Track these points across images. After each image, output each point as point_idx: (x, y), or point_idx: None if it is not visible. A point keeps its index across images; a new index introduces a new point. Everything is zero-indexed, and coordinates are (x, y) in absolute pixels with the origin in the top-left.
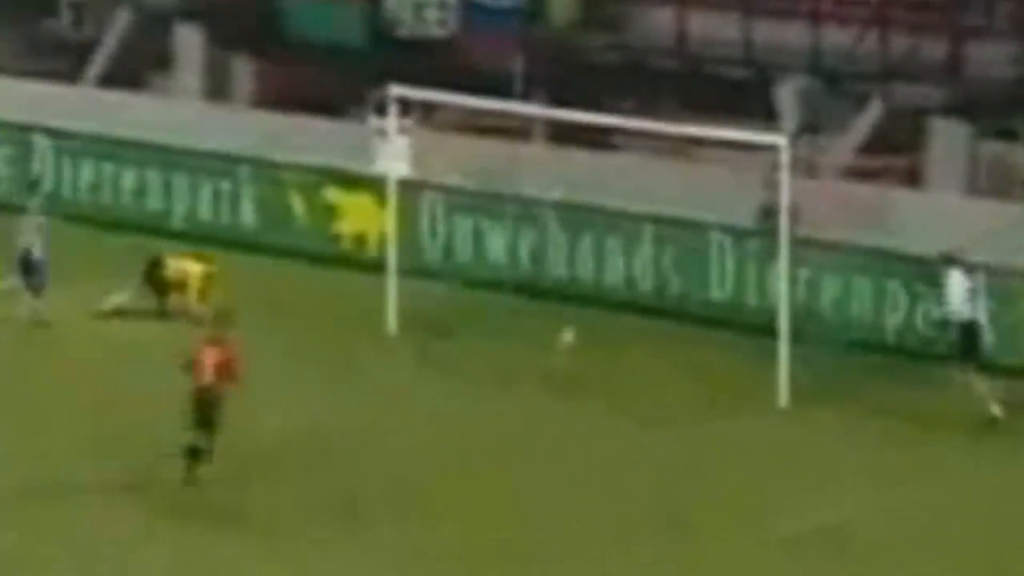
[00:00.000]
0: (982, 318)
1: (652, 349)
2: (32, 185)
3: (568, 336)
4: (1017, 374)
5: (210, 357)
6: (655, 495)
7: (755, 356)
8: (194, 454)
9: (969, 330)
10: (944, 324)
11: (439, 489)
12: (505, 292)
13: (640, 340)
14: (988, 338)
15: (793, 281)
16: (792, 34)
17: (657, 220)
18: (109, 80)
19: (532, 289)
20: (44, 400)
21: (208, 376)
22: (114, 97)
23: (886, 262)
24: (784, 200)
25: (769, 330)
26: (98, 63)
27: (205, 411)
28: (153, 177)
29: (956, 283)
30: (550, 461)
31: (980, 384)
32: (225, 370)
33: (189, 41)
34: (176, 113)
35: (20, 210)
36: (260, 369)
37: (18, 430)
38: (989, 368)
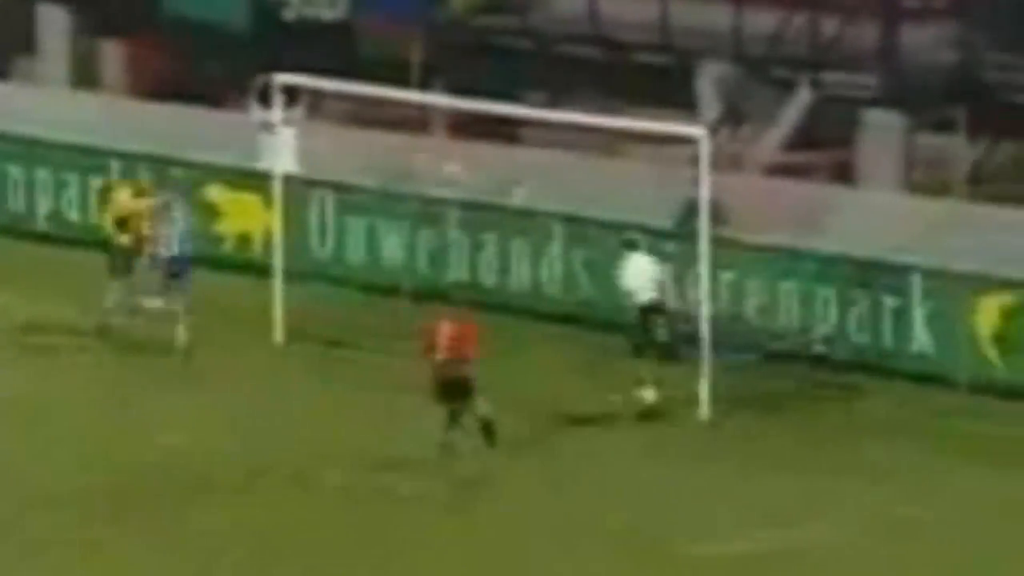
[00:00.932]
0: (668, 304)
1: (557, 353)
2: None
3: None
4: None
5: (446, 333)
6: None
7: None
8: (488, 428)
9: (645, 314)
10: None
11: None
12: (402, 297)
13: (545, 345)
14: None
15: (715, 285)
16: (713, 16)
17: (568, 220)
18: None
19: (431, 294)
20: None
21: (444, 352)
22: None
23: (816, 265)
24: (703, 197)
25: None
26: None
27: (449, 388)
28: (15, 172)
29: (636, 268)
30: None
31: (645, 369)
32: (461, 344)
33: (53, 23)
34: (39, 102)
35: None
36: (141, 379)
37: None
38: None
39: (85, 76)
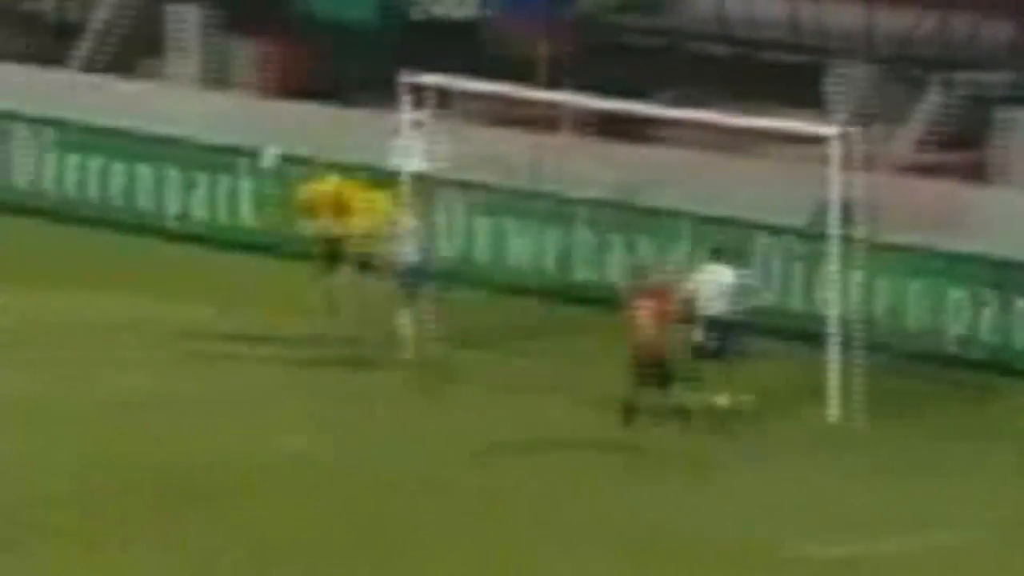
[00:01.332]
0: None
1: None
2: None
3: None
4: None
5: (647, 308)
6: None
7: (802, 366)
8: (680, 412)
9: (714, 326)
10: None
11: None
12: (529, 298)
13: None
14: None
15: (845, 286)
16: (845, 16)
17: (697, 219)
18: (95, 64)
19: (559, 294)
20: None
21: (648, 330)
22: (101, 82)
23: (948, 265)
24: (834, 196)
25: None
26: (84, 46)
27: (651, 367)
28: (144, 172)
29: (712, 278)
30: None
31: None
32: (665, 319)
33: (183, 22)
34: (170, 101)
35: None
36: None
37: None
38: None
39: (215, 75)
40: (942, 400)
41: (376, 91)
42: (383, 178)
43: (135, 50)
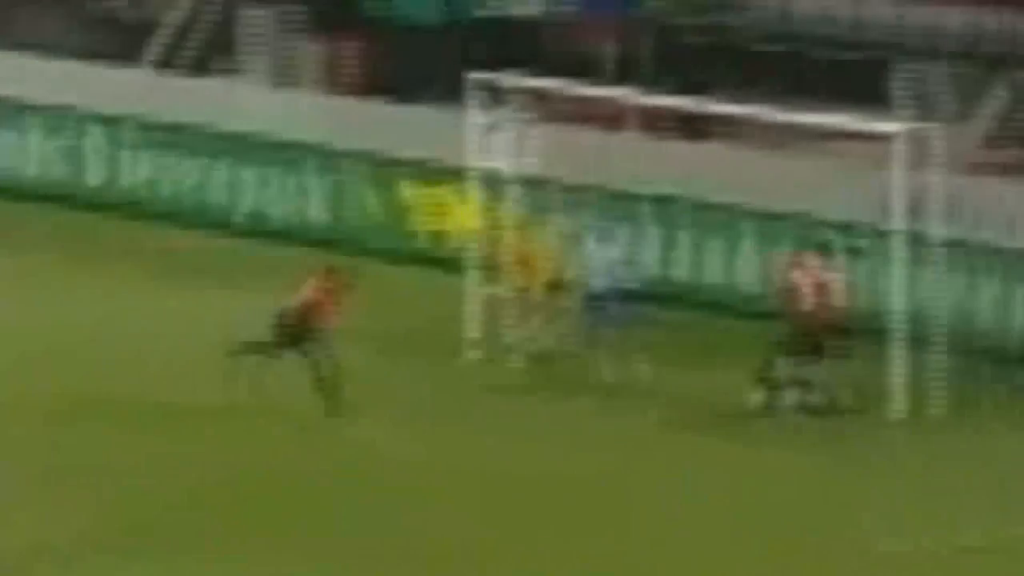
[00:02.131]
0: None
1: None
2: None
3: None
4: None
5: (807, 279)
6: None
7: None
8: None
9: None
10: None
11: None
12: None
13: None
14: None
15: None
16: (906, 13)
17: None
18: (169, 63)
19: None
20: None
21: (808, 301)
22: (174, 81)
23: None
24: (899, 193)
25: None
26: (157, 45)
27: (807, 340)
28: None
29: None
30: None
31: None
32: (825, 292)
33: (255, 23)
34: (241, 98)
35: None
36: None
37: None
38: None
39: (285, 74)
40: (1013, 396)
41: (442, 89)
42: (448, 175)
43: (210, 49)
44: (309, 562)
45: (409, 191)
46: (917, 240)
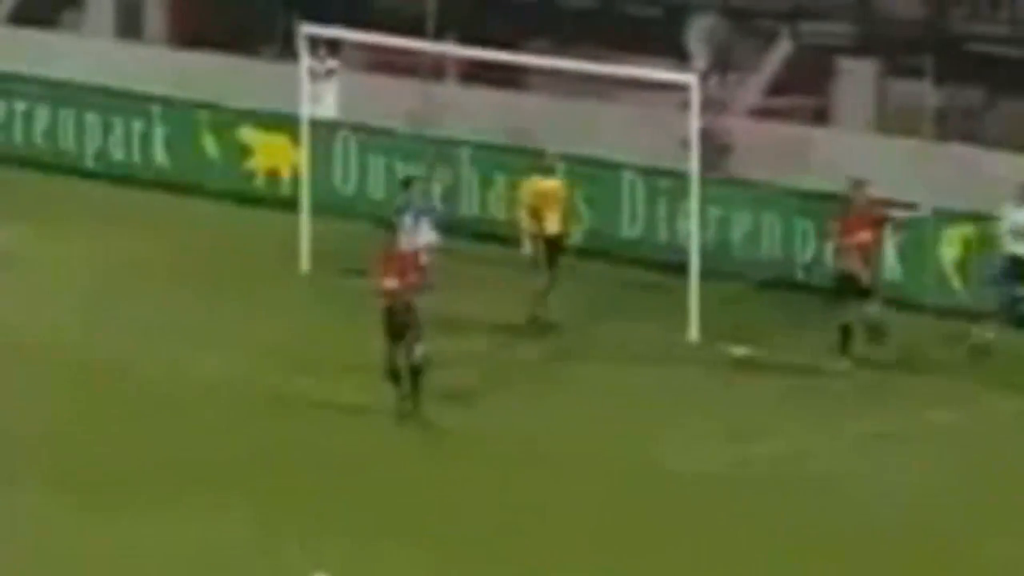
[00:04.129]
0: None
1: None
2: None
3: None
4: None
5: (862, 237)
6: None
7: (666, 293)
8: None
9: None
10: None
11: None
12: None
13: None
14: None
15: (704, 219)
16: None
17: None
18: (19, 18)
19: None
20: None
21: (857, 262)
22: (25, 35)
23: (797, 200)
24: (694, 137)
25: (680, 267)
26: (6, 1)
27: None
28: (65, 116)
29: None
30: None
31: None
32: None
33: None
34: (88, 51)
35: None
36: (177, 310)
37: None
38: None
39: (129, 27)
40: (791, 322)
41: (275, 41)
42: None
43: (60, 4)
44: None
45: (247, 137)
46: (709, 180)
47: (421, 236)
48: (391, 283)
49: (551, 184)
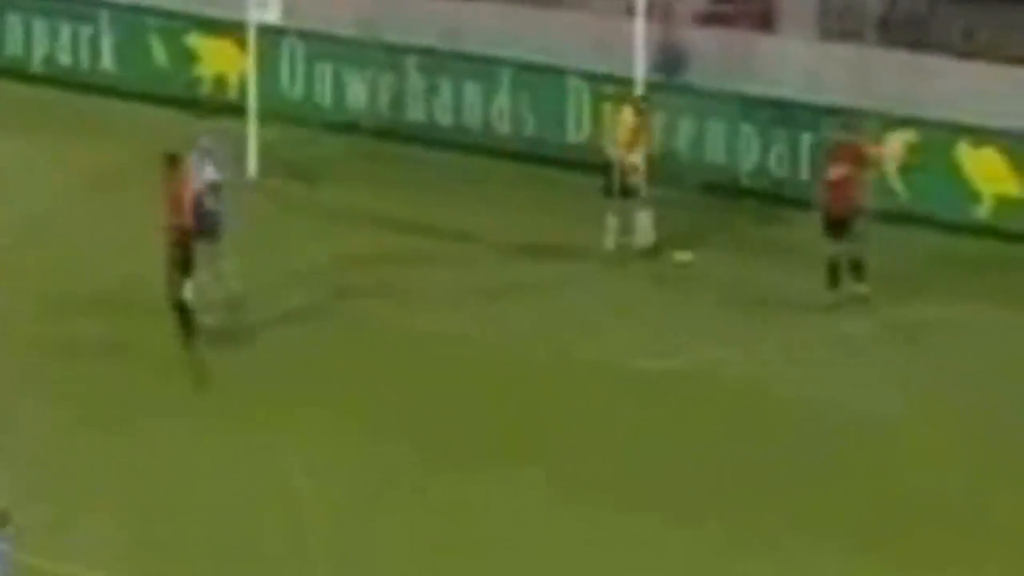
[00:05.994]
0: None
1: (509, 190)
2: None
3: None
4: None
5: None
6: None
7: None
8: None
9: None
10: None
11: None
12: (365, 136)
13: (496, 182)
14: None
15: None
16: None
17: (517, 66)
18: None
19: (392, 133)
20: None
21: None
22: None
23: (741, 106)
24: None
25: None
26: None
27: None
28: (12, 21)
29: None
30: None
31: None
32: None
33: None
34: None
35: None
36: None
37: None
38: None
39: None
40: (736, 226)
41: None
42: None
43: None
44: None
45: (194, 42)
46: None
47: (204, 175)
48: (171, 219)
49: (639, 119)
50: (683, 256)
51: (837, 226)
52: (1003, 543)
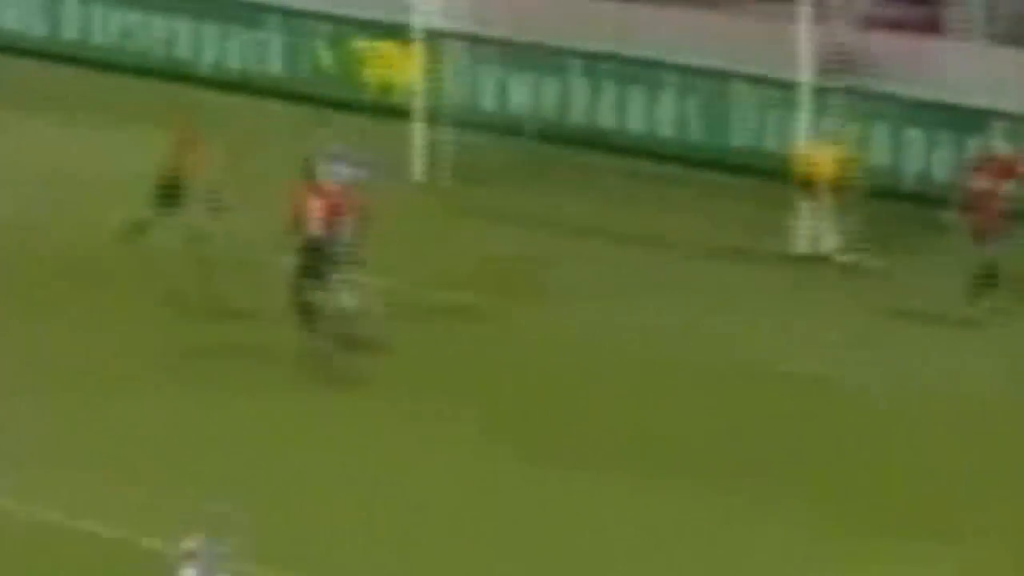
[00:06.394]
0: None
1: (673, 195)
2: None
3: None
4: None
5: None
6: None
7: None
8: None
9: None
10: None
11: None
12: (528, 139)
13: (661, 187)
14: None
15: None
16: None
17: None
18: None
19: (556, 137)
20: None
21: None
22: None
23: (907, 110)
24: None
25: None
26: None
27: None
28: (182, 27)
29: None
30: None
31: None
32: None
33: None
34: None
35: None
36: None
37: None
38: None
39: None
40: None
41: None
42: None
43: None
44: None
45: (361, 46)
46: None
47: (336, 178)
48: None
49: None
50: (848, 258)
51: (978, 237)
52: None
